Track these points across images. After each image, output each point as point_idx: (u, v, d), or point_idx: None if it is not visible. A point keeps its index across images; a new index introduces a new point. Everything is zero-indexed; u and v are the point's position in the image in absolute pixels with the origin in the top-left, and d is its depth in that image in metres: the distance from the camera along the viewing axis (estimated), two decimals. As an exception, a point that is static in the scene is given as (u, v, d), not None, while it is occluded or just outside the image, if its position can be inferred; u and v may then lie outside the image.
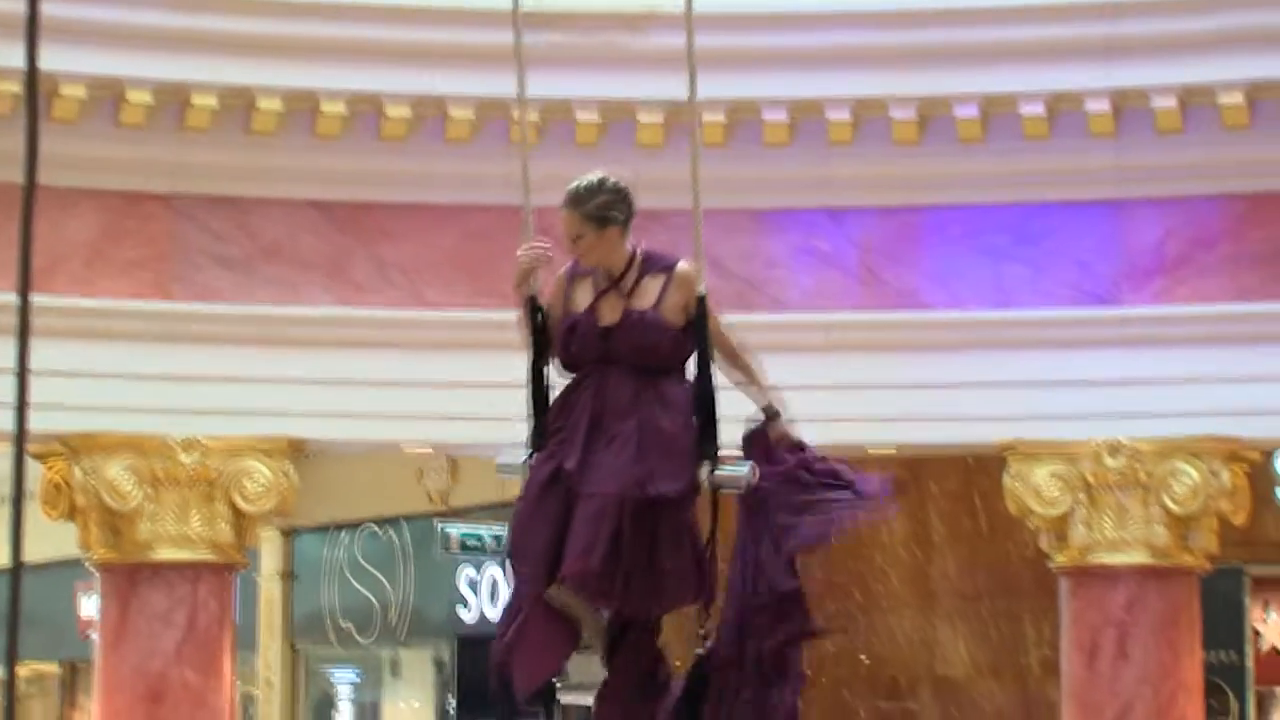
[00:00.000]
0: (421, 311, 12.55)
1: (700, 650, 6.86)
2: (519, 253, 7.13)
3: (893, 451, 14.31)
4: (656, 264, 6.98)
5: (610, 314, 6.93)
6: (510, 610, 6.89)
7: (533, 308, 7.10)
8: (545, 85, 12.30)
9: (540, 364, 7.00)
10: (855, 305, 12.97)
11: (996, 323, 12.87)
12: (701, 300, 6.89)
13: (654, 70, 12.12)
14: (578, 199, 6.89)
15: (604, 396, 6.83)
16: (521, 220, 7.25)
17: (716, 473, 6.80)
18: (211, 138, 12.58)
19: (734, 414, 7.16)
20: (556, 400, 6.97)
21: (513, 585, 6.93)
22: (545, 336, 7.04)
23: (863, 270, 13.06)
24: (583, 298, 7.01)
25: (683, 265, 6.97)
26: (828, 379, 12.71)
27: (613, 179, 7.04)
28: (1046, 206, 12.93)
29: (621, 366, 6.85)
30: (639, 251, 7.02)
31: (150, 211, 12.68)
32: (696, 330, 6.87)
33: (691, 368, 6.96)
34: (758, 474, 6.80)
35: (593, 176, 7.02)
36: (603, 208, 6.85)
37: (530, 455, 6.94)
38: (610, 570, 6.60)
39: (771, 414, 7.10)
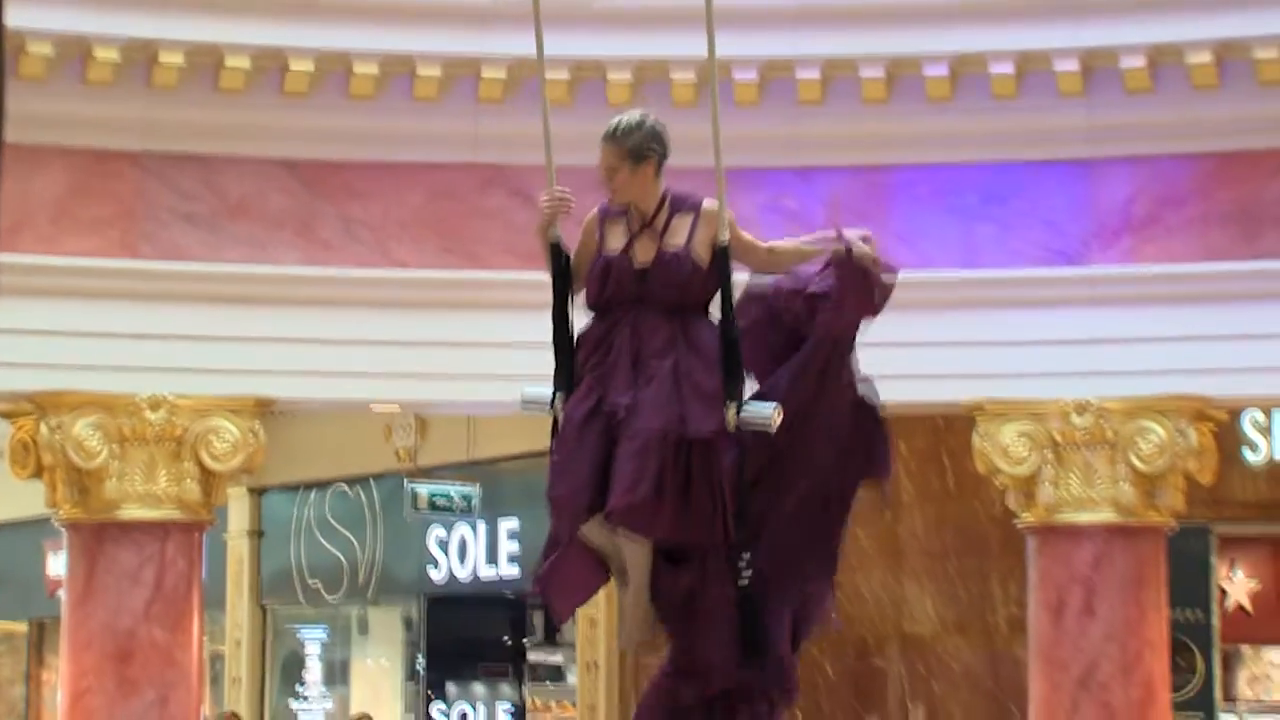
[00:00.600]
0: (390, 270, 12.53)
1: (743, 582, 6.98)
2: (541, 200, 7.17)
3: (861, 410, 14.32)
4: (684, 203, 7.18)
5: (644, 254, 7.06)
6: (549, 544, 7.01)
7: (556, 253, 7.14)
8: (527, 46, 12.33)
9: (564, 307, 7.08)
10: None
11: (965, 282, 12.87)
12: (724, 248, 7.07)
13: (625, 29, 12.13)
14: (616, 134, 7.02)
15: (640, 336, 6.97)
16: (546, 170, 7.25)
17: (743, 413, 6.92)
18: (179, 96, 12.54)
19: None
20: (587, 340, 7.07)
21: (552, 520, 7.03)
22: (568, 280, 7.12)
23: (830, 228, 13.02)
24: (616, 240, 7.12)
25: (708, 201, 7.17)
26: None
27: (651, 118, 7.25)
28: (1015, 166, 12.93)
29: (654, 307, 7.00)
30: (668, 192, 7.18)
31: (118, 169, 12.64)
32: (720, 271, 7.02)
33: (715, 310, 7.13)
34: (780, 414, 6.92)
35: (634, 114, 7.21)
36: (641, 143, 6.97)
37: (555, 395, 7.03)
38: (655, 504, 6.76)
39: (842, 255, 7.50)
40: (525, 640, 18.74)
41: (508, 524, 18.10)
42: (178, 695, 12.68)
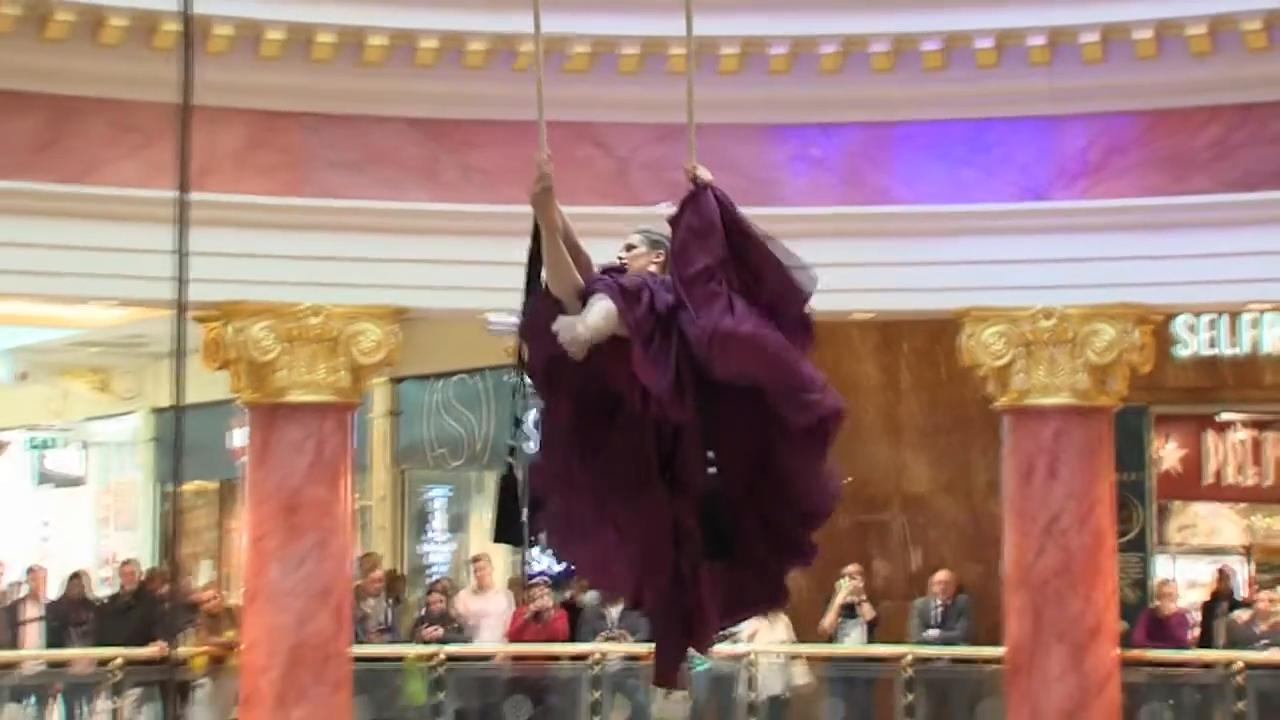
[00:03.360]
0: (498, 206, 12.53)
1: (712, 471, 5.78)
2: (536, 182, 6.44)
3: (871, 316, 14.33)
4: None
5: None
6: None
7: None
8: (589, 24, 12.30)
9: (537, 245, 6.12)
10: (840, 201, 12.92)
11: (954, 214, 12.82)
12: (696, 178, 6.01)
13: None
14: (649, 232, 6.06)
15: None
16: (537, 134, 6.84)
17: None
18: (332, 68, 12.54)
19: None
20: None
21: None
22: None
23: (846, 173, 13.00)
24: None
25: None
26: (820, 259, 12.64)
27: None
28: (994, 121, 12.85)
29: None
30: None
31: (284, 126, 12.65)
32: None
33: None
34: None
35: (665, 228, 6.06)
36: (659, 239, 6.02)
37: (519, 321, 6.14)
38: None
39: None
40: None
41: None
42: (333, 539, 12.79)
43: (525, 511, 6.07)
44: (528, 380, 6.09)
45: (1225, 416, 16.64)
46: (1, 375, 21.74)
